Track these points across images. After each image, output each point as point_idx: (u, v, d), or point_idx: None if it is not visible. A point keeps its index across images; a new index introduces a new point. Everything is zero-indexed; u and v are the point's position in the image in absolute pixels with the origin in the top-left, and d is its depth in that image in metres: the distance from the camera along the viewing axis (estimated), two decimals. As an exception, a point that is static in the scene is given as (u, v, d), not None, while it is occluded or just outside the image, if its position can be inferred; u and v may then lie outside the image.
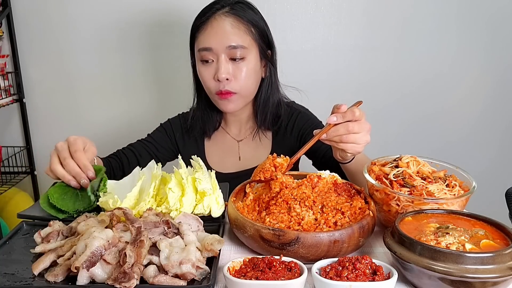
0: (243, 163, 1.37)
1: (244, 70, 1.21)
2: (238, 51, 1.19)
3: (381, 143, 2.02)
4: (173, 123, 1.43)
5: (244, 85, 1.23)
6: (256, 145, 1.38)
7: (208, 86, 1.24)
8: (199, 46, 1.22)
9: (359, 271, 0.71)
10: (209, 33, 1.20)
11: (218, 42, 1.19)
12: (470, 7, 1.91)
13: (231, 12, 1.20)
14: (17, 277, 0.74)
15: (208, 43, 1.20)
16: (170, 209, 0.92)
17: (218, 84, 1.22)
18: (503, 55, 1.98)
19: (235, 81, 1.21)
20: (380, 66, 1.97)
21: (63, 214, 0.96)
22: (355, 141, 0.94)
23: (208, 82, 1.23)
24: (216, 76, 1.20)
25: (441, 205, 0.88)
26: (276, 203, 0.91)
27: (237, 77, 1.21)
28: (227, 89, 1.21)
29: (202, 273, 0.75)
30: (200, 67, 1.24)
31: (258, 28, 1.24)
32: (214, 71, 1.21)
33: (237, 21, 1.20)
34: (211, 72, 1.22)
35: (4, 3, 1.83)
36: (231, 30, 1.19)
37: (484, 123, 2.08)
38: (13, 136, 2.03)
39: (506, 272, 0.67)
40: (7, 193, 1.89)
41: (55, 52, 1.92)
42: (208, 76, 1.22)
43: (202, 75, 1.25)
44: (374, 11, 1.90)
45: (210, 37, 1.19)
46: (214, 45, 1.19)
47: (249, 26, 1.22)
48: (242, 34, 1.20)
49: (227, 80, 1.20)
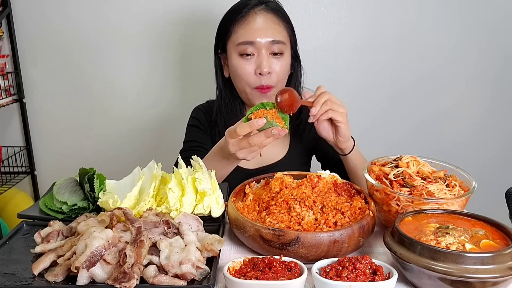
0: (264, 159, 1.36)
1: (282, 65, 1.24)
2: (278, 46, 1.22)
3: (381, 143, 2.03)
4: (200, 118, 1.41)
5: (281, 79, 1.26)
6: (277, 141, 1.39)
7: (247, 80, 1.24)
8: (238, 40, 1.22)
9: (359, 271, 0.71)
10: (251, 27, 1.21)
11: (261, 36, 1.20)
12: (470, 7, 1.91)
13: (269, 9, 1.24)
14: (17, 277, 0.74)
15: (251, 37, 1.20)
16: (170, 209, 0.92)
17: (259, 78, 1.23)
18: (503, 55, 1.98)
19: (274, 75, 1.23)
20: (380, 66, 1.97)
21: (62, 214, 0.96)
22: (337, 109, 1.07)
23: (248, 76, 1.23)
24: (258, 70, 1.22)
25: (441, 205, 0.88)
26: (276, 203, 0.91)
27: (276, 71, 1.23)
28: (268, 83, 1.23)
29: (202, 273, 0.75)
30: (238, 61, 1.24)
31: (291, 26, 1.29)
32: (255, 65, 1.22)
33: (277, 17, 1.24)
34: (252, 66, 1.23)
35: (4, 3, 1.83)
36: (273, 26, 1.22)
37: (484, 123, 2.08)
38: (13, 136, 2.03)
39: (506, 272, 0.67)
40: (7, 193, 1.89)
41: (55, 52, 1.92)
42: (249, 70, 1.23)
43: (241, 69, 1.24)
44: (374, 11, 1.90)
45: (252, 31, 1.20)
46: (257, 39, 1.20)
47: (286, 23, 1.26)
48: (282, 30, 1.24)
49: (268, 74, 1.22)
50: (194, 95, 1.78)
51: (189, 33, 1.89)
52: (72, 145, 2.04)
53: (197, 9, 1.87)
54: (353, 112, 2.00)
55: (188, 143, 1.38)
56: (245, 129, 0.97)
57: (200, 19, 1.88)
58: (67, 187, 1.03)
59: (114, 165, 1.99)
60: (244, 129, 0.97)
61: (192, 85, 1.96)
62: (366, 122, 2.03)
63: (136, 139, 2.02)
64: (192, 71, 1.94)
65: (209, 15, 1.86)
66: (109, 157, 2.02)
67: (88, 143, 2.03)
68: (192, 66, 1.93)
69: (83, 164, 1.15)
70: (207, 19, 1.87)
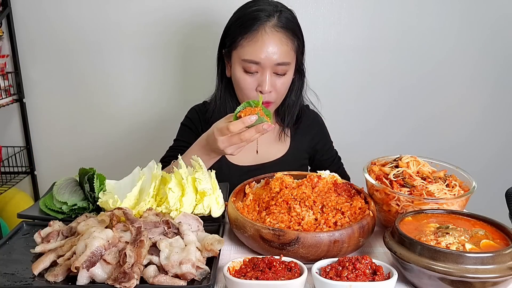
0: (260, 157, 1.38)
1: (284, 83, 1.26)
2: (283, 67, 1.22)
3: (381, 143, 2.03)
4: (193, 119, 1.42)
5: (280, 96, 1.29)
6: (275, 140, 1.40)
7: (248, 94, 1.26)
8: (245, 57, 1.21)
9: (359, 271, 0.71)
10: (260, 46, 1.19)
11: (267, 58, 1.19)
12: (471, 7, 1.91)
13: (280, 26, 1.20)
14: (17, 277, 0.74)
15: (257, 57, 1.19)
16: (170, 209, 0.92)
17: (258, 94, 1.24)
18: (503, 55, 1.98)
19: (275, 92, 1.25)
20: (380, 66, 1.96)
21: (62, 214, 0.96)
22: None
23: (249, 91, 1.25)
24: (259, 88, 1.23)
25: (441, 205, 0.88)
26: (276, 203, 0.91)
27: (276, 89, 1.25)
28: (268, 99, 1.25)
29: (202, 273, 0.75)
30: (242, 75, 1.24)
31: (300, 40, 1.27)
32: (257, 82, 1.23)
33: (286, 37, 1.21)
34: (254, 83, 1.24)
35: (4, 3, 1.82)
36: (281, 47, 1.20)
37: (484, 123, 2.08)
38: (13, 136, 2.02)
39: (506, 272, 0.67)
40: (7, 193, 1.88)
41: (55, 52, 1.92)
42: (250, 86, 1.24)
43: (243, 83, 1.25)
44: (374, 11, 1.89)
45: (260, 51, 1.19)
46: (262, 60, 1.20)
47: (294, 40, 1.24)
48: (289, 51, 1.22)
49: (269, 92, 1.24)
50: (194, 95, 1.77)
51: (189, 33, 1.89)
52: (72, 145, 2.04)
53: (197, 9, 1.87)
54: (353, 112, 2.03)
55: (177, 142, 1.40)
56: (238, 126, 1.00)
57: (200, 19, 1.87)
58: (67, 187, 1.03)
59: (114, 165, 1.98)
60: (238, 126, 1.00)
61: (192, 85, 1.96)
62: (366, 122, 2.03)
63: (136, 139, 2.02)
64: (192, 71, 1.94)
65: (210, 15, 1.86)
66: (109, 157, 2.02)
67: (88, 143, 2.03)
68: (192, 66, 1.93)
69: (83, 164, 1.15)
70: (207, 19, 1.87)
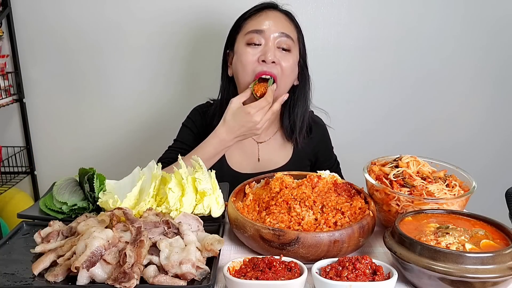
0: (262, 165, 1.36)
1: (288, 60, 1.23)
2: (287, 41, 1.23)
3: (381, 143, 2.03)
4: (195, 120, 1.41)
5: (284, 76, 1.23)
6: (277, 149, 1.38)
7: (248, 68, 1.22)
8: (248, 29, 1.23)
9: (359, 271, 0.71)
10: (263, 18, 1.23)
11: (271, 26, 1.22)
12: (471, 7, 1.90)
13: (283, 12, 1.28)
14: (17, 277, 0.74)
15: (261, 26, 1.22)
16: (170, 209, 0.92)
17: (261, 65, 1.21)
18: (503, 56, 1.98)
19: (278, 66, 1.22)
20: (380, 67, 1.96)
21: (62, 214, 0.96)
22: None
23: (250, 64, 1.21)
24: (262, 57, 1.20)
25: (441, 205, 0.88)
26: (276, 203, 0.91)
27: (281, 63, 1.22)
28: (271, 71, 1.21)
29: (202, 273, 0.75)
30: (244, 49, 1.22)
31: (301, 35, 1.31)
32: (260, 53, 1.21)
33: (289, 19, 1.28)
34: (256, 54, 1.21)
35: (4, 3, 1.82)
36: (284, 22, 1.25)
37: (484, 123, 2.08)
38: (13, 136, 2.02)
39: (506, 272, 0.67)
40: (7, 193, 1.88)
41: (55, 52, 1.92)
42: (252, 58, 1.21)
43: (245, 57, 1.22)
44: (374, 11, 1.89)
45: (263, 21, 1.22)
46: (266, 28, 1.21)
47: (296, 30, 1.28)
48: (293, 29, 1.27)
49: (273, 63, 1.21)
50: (195, 95, 1.78)
51: (190, 33, 1.89)
52: (72, 145, 2.04)
53: (198, 9, 1.87)
54: (353, 112, 2.03)
55: (176, 143, 1.39)
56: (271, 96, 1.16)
57: (201, 19, 1.87)
58: (67, 187, 1.03)
59: (114, 165, 1.99)
60: (271, 95, 1.16)
61: (193, 85, 1.96)
62: (366, 122, 2.02)
63: (136, 139, 2.02)
64: (193, 71, 1.94)
65: (210, 15, 1.86)
66: (109, 157, 2.02)
67: (88, 143, 2.03)
68: (193, 66, 1.93)
69: (83, 164, 1.15)
70: (208, 19, 1.87)
